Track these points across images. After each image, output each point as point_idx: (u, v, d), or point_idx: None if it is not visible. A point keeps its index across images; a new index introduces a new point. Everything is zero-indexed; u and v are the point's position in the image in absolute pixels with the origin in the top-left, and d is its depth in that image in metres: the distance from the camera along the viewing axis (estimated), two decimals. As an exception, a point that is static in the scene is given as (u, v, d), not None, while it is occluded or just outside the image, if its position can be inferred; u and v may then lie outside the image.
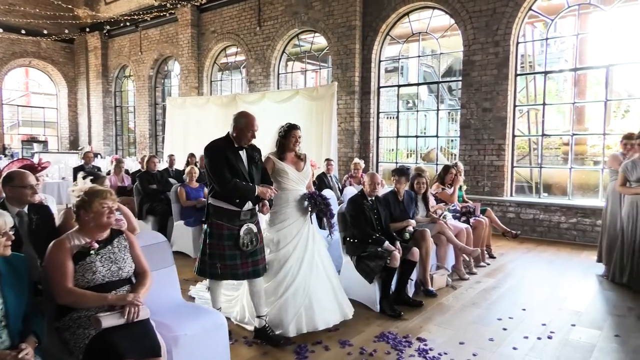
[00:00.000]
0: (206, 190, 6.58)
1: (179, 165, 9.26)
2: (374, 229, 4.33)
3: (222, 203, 3.34)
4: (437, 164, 9.64)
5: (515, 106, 8.19)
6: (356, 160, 8.13)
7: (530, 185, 10.03)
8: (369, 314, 4.20)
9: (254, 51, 11.46)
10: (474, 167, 8.29)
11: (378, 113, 9.89)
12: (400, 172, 4.84)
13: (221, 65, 13.17)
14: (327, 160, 7.67)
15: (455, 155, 10.43)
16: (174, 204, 6.55)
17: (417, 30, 9.59)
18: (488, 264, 5.95)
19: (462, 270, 5.37)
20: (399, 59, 10.65)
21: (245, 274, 3.42)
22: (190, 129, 11.99)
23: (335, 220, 4.11)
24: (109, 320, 2.20)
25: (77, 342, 2.22)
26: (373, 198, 4.44)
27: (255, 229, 3.42)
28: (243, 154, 3.42)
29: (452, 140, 13.91)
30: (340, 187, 7.58)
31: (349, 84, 9.67)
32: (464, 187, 6.82)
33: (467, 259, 5.50)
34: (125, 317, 2.23)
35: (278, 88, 11.35)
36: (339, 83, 9.67)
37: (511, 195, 8.25)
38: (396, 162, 10.17)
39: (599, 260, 5.61)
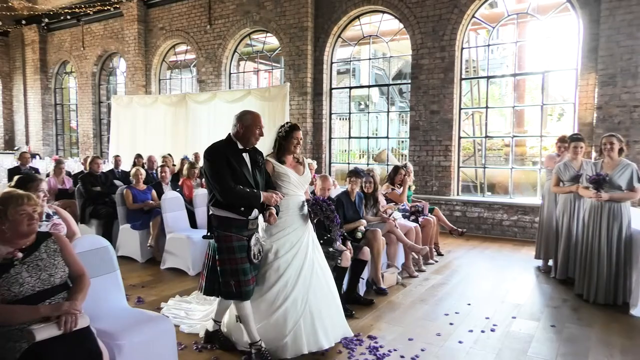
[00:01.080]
0: (154, 192, 6.37)
1: (126, 166, 8.90)
2: (326, 229, 4.35)
3: (226, 212, 3.04)
4: (388, 165, 9.85)
5: (460, 109, 8.52)
6: (309, 161, 8.14)
7: (475, 185, 10.47)
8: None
9: (205, 50, 11.23)
10: (422, 168, 8.54)
11: (330, 114, 9.98)
12: (356, 173, 4.92)
13: (170, 63, 12.80)
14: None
15: (405, 156, 10.70)
16: (120, 206, 6.29)
17: (368, 33, 9.76)
18: (436, 261, 6.14)
19: (411, 268, 5.52)
20: (351, 61, 10.80)
21: (252, 289, 3.14)
22: (138, 129, 11.58)
23: (339, 226, 3.92)
24: (43, 333, 2.04)
25: (7, 357, 2.07)
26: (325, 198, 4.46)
27: (261, 239, 3.23)
28: (246, 157, 3.13)
29: (402, 142, 14.25)
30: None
31: (302, 84, 9.69)
32: (413, 187, 7.01)
33: (416, 257, 5.66)
34: (62, 327, 2.08)
35: (230, 88, 11.18)
36: (292, 84, 9.67)
37: (458, 194, 8.57)
38: (348, 163, 10.30)
39: (537, 256, 5.94)
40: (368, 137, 11.14)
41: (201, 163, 8.32)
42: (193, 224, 6.09)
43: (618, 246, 4.44)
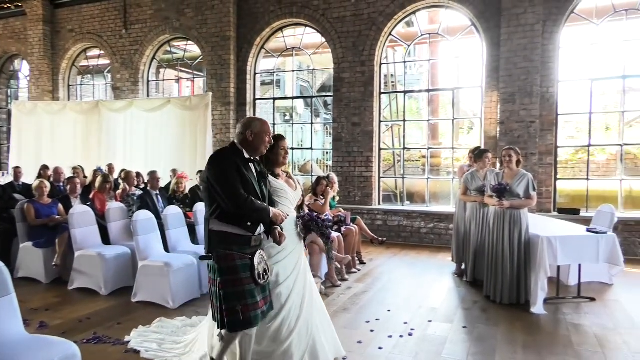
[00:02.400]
0: (61, 206, 5.89)
1: (29, 178, 8.13)
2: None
3: (228, 227, 2.70)
4: (312, 176, 9.96)
5: (380, 121, 8.88)
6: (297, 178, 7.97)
7: (395, 194, 10.92)
8: (243, 328, 4.14)
9: (120, 55, 10.66)
10: (345, 178, 8.74)
11: (254, 125, 9.88)
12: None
13: (81, 68, 11.97)
14: (200, 172, 7.40)
15: (329, 166, 10.90)
16: (20, 223, 5.72)
17: (292, 45, 9.87)
18: (359, 270, 6.29)
19: (334, 277, 5.59)
20: (274, 72, 10.83)
21: (262, 313, 2.77)
22: (44, 138, 10.66)
23: (334, 242, 3.74)
24: None
25: None
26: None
27: (265, 257, 2.86)
28: (252, 167, 2.85)
29: (327, 153, 14.51)
30: (215, 200, 7.37)
31: (224, 94, 9.53)
32: (337, 198, 7.15)
33: (339, 266, 5.75)
34: None
35: (148, 96, 10.70)
36: (214, 93, 9.48)
37: (379, 204, 8.87)
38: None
39: (453, 260, 6.31)
40: (293, 148, 11.19)
41: (116, 175, 7.90)
42: (105, 240, 5.70)
43: (519, 250, 4.84)
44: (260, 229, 2.82)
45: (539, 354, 3.64)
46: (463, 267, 6.02)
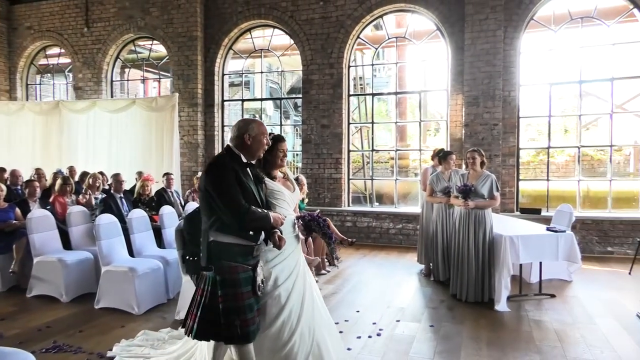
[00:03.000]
0: (18, 211, 5.64)
1: (-18, 182, 7.74)
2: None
3: (232, 238, 2.58)
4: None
5: (349, 123, 8.94)
6: (200, 174, 7.87)
7: (364, 196, 11.02)
8: (211, 333, 4.07)
9: (82, 54, 10.32)
10: (315, 180, 8.75)
11: (223, 126, 9.78)
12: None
13: (40, 67, 11.52)
14: (167, 174, 7.26)
15: (299, 168, 10.89)
16: (-27, 228, 5.45)
17: (260, 47, 9.81)
18: (328, 272, 6.29)
19: (304, 279, 5.58)
20: (243, 73, 10.74)
21: (257, 327, 2.68)
22: (0, 139, 10.19)
23: (336, 242, 3.59)
24: None
25: None
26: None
27: (262, 265, 2.79)
28: (249, 172, 2.75)
29: (297, 154, 14.50)
30: (182, 203, 7.24)
31: (192, 95, 9.37)
32: (306, 200, 7.15)
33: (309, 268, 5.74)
34: None
35: (112, 96, 10.40)
36: (181, 94, 9.32)
37: (348, 205, 8.93)
38: (242, 176, 10.15)
39: (420, 260, 6.41)
40: (262, 150, 11.12)
41: (76, 177, 7.64)
42: (67, 245, 5.50)
43: (483, 249, 4.97)
44: (262, 236, 2.73)
45: (503, 350, 3.74)
46: (431, 266, 6.13)
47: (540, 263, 5.21)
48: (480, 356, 3.64)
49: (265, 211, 2.67)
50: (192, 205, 6.28)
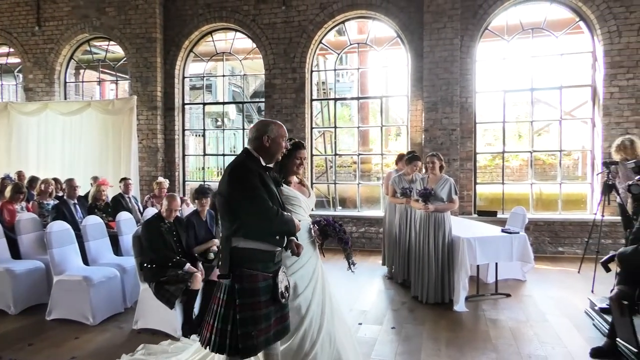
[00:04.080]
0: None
1: None
2: (174, 251, 4.13)
3: (255, 244, 2.47)
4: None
5: (312, 128, 8.97)
6: (160, 179, 7.67)
7: (328, 200, 11.06)
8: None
9: (33, 54, 9.86)
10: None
11: (183, 130, 9.59)
12: (202, 192, 4.75)
13: (-13, 66, 10.92)
14: (124, 179, 7.04)
15: (261, 173, 10.80)
16: None
17: (222, 50, 9.70)
18: (291, 276, 6.27)
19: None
20: (204, 76, 10.58)
21: (276, 334, 2.55)
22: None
23: (351, 247, 3.39)
24: None
25: None
26: (171, 220, 4.24)
27: (287, 272, 2.68)
28: (269, 175, 2.66)
29: (260, 159, 14.37)
30: (141, 209, 7.04)
31: (151, 98, 9.14)
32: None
33: (271, 273, 5.70)
34: None
35: (65, 98, 9.99)
36: (139, 97, 9.07)
37: (312, 209, 8.91)
38: (204, 181, 9.99)
39: (383, 263, 6.50)
40: (224, 155, 10.98)
41: (26, 182, 7.26)
42: (15, 254, 5.23)
43: (443, 251, 5.10)
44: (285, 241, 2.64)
45: (461, 349, 3.84)
46: (393, 269, 6.22)
47: (496, 264, 5.40)
48: (439, 356, 3.73)
49: (290, 215, 2.62)
50: (151, 211, 6.11)
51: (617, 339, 3.06)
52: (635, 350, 2.35)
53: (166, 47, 9.21)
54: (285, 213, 2.59)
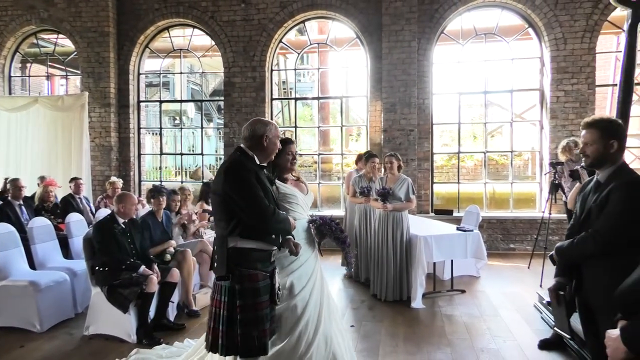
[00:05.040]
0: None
1: None
2: (128, 254, 3.99)
3: (251, 243, 2.45)
4: (203, 182, 9.62)
5: (272, 127, 8.90)
6: (113, 179, 7.40)
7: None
8: (124, 347, 3.85)
9: (-26, 46, 9.25)
10: (237, 184, 8.59)
11: (139, 128, 9.29)
12: (157, 192, 4.63)
13: None
14: (75, 179, 6.73)
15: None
16: None
17: (180, 46, 9.47)
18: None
19: (225, 286, 5.45)
20: (161, 73, 10.29)
21: (271, 334, 2.55)
22: None
23: (350, 246, 3.27)
24: None
25: None
26: (126, 220, 4.09)
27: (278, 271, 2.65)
28: (264, 173, 2.66)
29: (220, 158, 14.18)
30: (93, 210, 6.76)
31: (104, 95, 8.79)
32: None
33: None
34: None
35: (10, 93, 9.44)
36: (92, 93, 8.70)
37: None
38: (160, 181, 9.72)
39: (343, 263, 6.53)
40: (182, 154, 10.74)
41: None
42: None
43: (401, 249, 5.20)
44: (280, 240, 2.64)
45: (418, 345, 3.93)
46: (353, 268, 6.28)
47: (452, 261, 5.56)
48: (397, 352, 3.79)
49: (285, 214, 2.61)
50: (104, 212, 5.89)
51: (554, 327, 3.22)
52: (568, 336, 2.51)
53: (120, 42, 8.89)
54: (281, 212, 2.58)
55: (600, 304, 2.24)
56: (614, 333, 1.35)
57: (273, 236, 2.54)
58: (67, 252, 5.33)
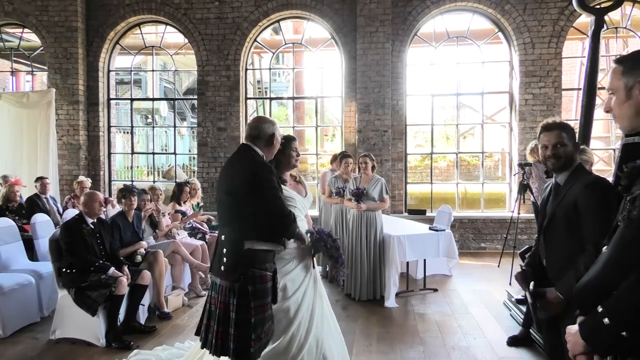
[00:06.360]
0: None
1: None
2: (97, 255, 3.89)
3: (267, 244, 2.43)
4: (175, 182, 9.46)
5: (247, 127, 8.83)
6: (81, 178, 7.20)
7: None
8: (92, 351, 3.77)
9: None
10: (212, 185, 8.49)
11: (109, 127, 9.06)
12: (128, 191, 4.53)
13: None
14: (41, 178, 6.52)
15: (195, 172, 10.49)
16: None
17: (152, 43, 9.28)
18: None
19: (198, 287, 5.39)
20: (132, 71, 10.06)
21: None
22: None
23: (344, 266, 3.17)
24: None
25: None
26: (94, 221, 3.99)
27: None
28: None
29: (194, 158, 13.97)
30: (60, 210, 6.56)
31: (72, 92, 8.53)
32: (201, 204, 6.91)
33: (204, 275, 5.56)
34: None
35: (-29, 89, 9.07)
36: (59, 90, 8.44)
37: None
38: (132, 181, 9.51)
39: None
40: (154, 153, 10.53)
41: None
42: None
43: (375, 249, 5.25)
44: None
45: (391, 344, 3.97)
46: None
47: (424, 260, 5.64)
48: (370, 352, 3.83)
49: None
50: (72, 212, 5.72)
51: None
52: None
53: (89, 38, 8.65)
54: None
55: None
56: (573, 328, 1.39)
57: (284, 237, 2.57)
58: (32, 254, 5.16)
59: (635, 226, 1.27)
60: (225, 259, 2.41)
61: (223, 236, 2.46)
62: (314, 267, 2.99)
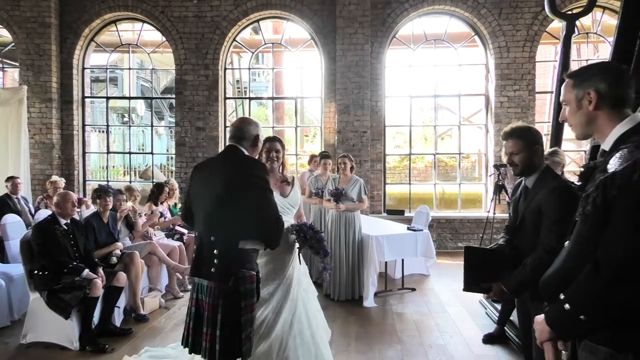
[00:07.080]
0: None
1: None
2: (70, 256, 3.81)
3: (253, 244, 2.42)
4: (153, 182, 9.32)
5: (226, 127, 8.76)
6: (54, 178, 7.03)
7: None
8: (65, 355, 3.69)
9: None
10: (189, 184, 8.39)
11: (84, 125, 8.86)
12: (104, 192, 4.44)
13: None
14: (11, 178, 6.34)
15: (173, 172, 10.35)
16: None
17: (129, 41, 9.13)
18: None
19: (175, 288, 5.33)
20: (107, 68, 9.87)
21: None
22: None
23: (328, 259, 3.08)
24: None
25: None
26: (68, 221, 3.90)
27: None
28: None
29: (172, 158, 13.78)
30: (32, 211, 6.39)
31: (45, 90, 8.31)
32: (179, 205, 6.83)
33: (181, 277, 5.49)
34: None
35: (-62, 85, 8.75)
36: (31, 88, 8.22)
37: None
38: (107, 181, 9.32)
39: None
40: (130, 153, 10.36)
41: None
42: None
43: (353, 249, 5.27)
44: None
45: (369, 343, 4.00)
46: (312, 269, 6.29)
47: (402, 260, 5.70)
48: (349, 351, 3.85)
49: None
50: (45, 213, 5.58)
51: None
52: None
53: (62, 34, 8.45)
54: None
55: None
56: (540, 317, 1.49)
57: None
58: (2, 255, 5.02)
59: (589, 221, 1.36)
60: (216, 260, 2.34)
61: (213, 237, 2.36)
62: (299, 263, 3.00)
